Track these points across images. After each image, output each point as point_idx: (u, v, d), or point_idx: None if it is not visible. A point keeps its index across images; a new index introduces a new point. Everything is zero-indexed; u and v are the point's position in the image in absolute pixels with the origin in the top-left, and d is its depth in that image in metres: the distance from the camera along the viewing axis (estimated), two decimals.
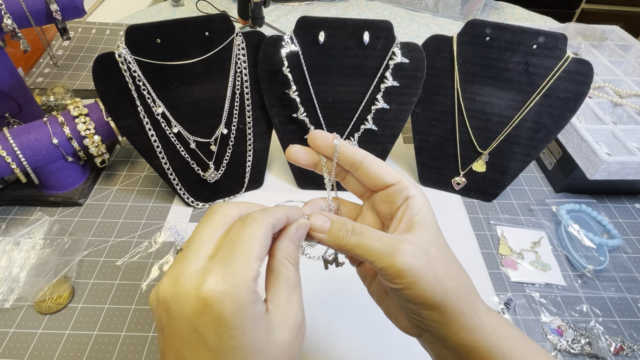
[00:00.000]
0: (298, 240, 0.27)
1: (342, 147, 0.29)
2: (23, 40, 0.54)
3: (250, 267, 0.22)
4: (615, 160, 0.52)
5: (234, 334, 0.21)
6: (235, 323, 0.20)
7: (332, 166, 0.30)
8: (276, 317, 0.23)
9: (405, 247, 0.25)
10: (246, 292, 0.21)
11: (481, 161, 0.57)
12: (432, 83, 0.55)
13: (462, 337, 0.26)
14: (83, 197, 0.57)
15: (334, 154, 0.29)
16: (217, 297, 0.20)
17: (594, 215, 0.57)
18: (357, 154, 0.29)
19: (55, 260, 0.49)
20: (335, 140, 0.29)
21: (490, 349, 0.26)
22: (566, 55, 0.50)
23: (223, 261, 0.22)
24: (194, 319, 0.21)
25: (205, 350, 0.21)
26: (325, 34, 0.50)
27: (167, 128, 0.50)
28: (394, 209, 0.29)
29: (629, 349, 0.44)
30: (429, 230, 0.27)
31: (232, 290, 0.21)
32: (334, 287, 0.48)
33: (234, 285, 0.21)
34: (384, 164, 0.29)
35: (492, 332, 0.26)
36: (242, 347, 0.21)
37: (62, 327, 0.44)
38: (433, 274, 0.25)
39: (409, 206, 0.28)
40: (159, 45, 0.46)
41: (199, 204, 0.57)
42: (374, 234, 0.27)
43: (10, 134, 0.50)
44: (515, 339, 0.27)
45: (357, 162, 0.29)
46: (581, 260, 0.51)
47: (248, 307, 0.21)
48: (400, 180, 0.28)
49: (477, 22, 0.51)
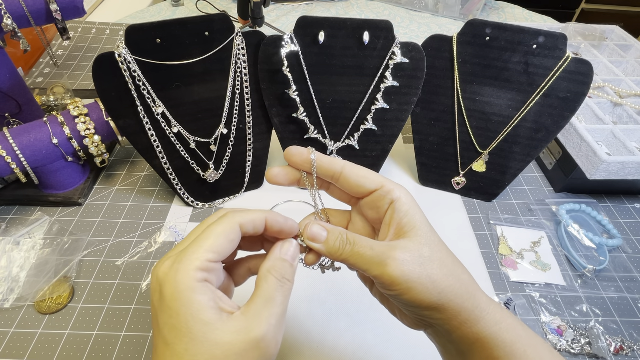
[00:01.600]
0: (285, 255, 0.27)
1: (319, 161, 0.29)
2: (23, 40, 0.54)
3: (197, 257, 0.23)
4: (615, 160, 0.52)
5: (171, 314, 0.23)
6: (172, 304, 0.23)
7: (313, 180, 0.30)
8: (236, 322, 0.23)
9: (397, 254, 0.26)
10: (187, 279, 0.23)
11: (481, 161, 0.57)
12: (432, 83, 0.55)
13: (465, 330, 0.26)
14: (83, 197, 0.57)
15: (312, 168, 0.29)
16: (162, 278, 0.23)
17: (593, 215, 0.57)
18: (335, 165, 0.29)
19: (55, 260, 0.49)
20: (312, 155, 0.29)
21: (492, 341, 0.26)
22: (566, 55, 0.50)
23: (180, 251, 0.24)
24: (152, 296, 0.24)
25: (155, 324, 0.24)
26: (325, 34, 0.50)
27: (167, 128, 0.50)
28: (381, 214, 0.29)
29: (629, 349, 0.44)
30: (419, 232, 0.27)
31: (174, 275, 0.23)
32: (334, 287, 0.48)
33: (176, 270, 0.23)
34: (364, 170, 0.29)
35: (494, 324, 0.26)
36: (178, 329, 0.22)
37: (62, 327, 0.44)
38: (427, 276, 0.25)
39: (395, 210, 0.28)
40: (159, 45, 0.46)
41: (199, 204, 0.57)
42: (366, 243, 0.27)
43: (10, 134, 0.50)
44: (517, 331, 0.27)
45: (337, 174, 0.29)
46: (581, 260, 0.51)
47: (186, 292, 0.23)
48: (382, 184, 0.28)
49: (477, 22, 0.51)
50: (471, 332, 0.26)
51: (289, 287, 0.26)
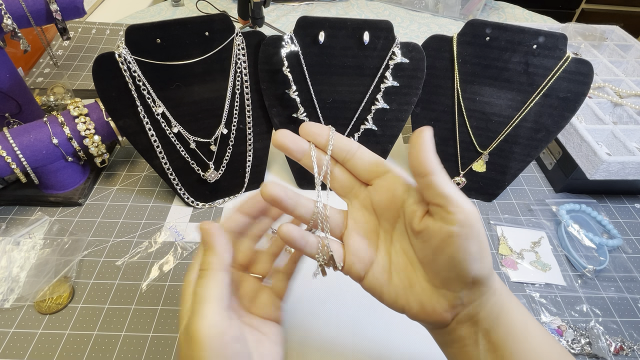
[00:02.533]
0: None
1: (337, 137, 0.29)
2: (23, 40, 0.54)
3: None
4: (615, 160, 0.52)
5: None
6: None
7: (322, 158, 0.29)
8: None
9: None
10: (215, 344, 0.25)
11: (481, 161, 0.57)
12: (432, 83, 0.55)
13: (493, 299, 0.27)
14: (83, 197, 0.57)
15: (329, 143, 0.29)
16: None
17: (593, 215, 0.57)
18: (352, 143, 0.29)
19: (55, 260, 0.49)
20: (331, 132, 0.29)
21: (508, 309, 0.28)
22: (566, 55, 0.50)
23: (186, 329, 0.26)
24: None
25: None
26: (325, 34, 0.50)
27: (167, 128, 0.50)
28: (397, 197, 0.28)
29: (629, 349, 0.44)
30: None
31: None
32: (334, 286, 0.48)
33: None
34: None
35: (506, 294, 0.28)
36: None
37: (62, 327, 0.44)
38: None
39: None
40: (159, 45, 0.46)
41: (199, 204, 0.57)
42: None
43: (10, 134, 0.50)
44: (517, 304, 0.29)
45: (352, 151, 0.29)
46: (581, 260, 0.51)
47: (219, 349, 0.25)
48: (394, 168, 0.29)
49: (477, 22, 0.51)
50: (499, 300, 0.27)
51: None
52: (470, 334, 0.27)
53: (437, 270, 0.27)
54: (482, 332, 0.27)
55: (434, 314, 0.28)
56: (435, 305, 0.27)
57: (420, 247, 0.28)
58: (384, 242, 0.30)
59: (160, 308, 0.46)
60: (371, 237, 0.30)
